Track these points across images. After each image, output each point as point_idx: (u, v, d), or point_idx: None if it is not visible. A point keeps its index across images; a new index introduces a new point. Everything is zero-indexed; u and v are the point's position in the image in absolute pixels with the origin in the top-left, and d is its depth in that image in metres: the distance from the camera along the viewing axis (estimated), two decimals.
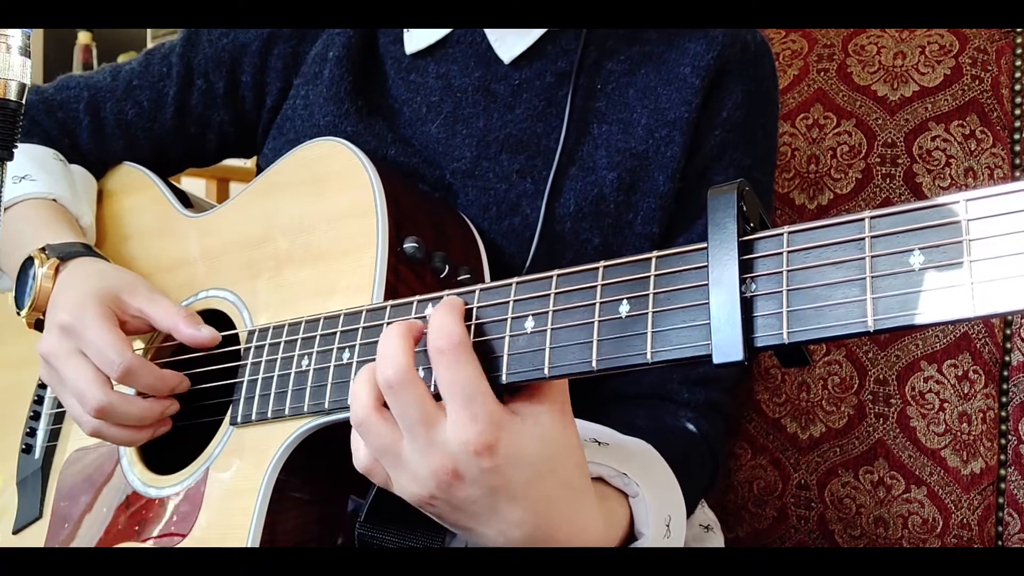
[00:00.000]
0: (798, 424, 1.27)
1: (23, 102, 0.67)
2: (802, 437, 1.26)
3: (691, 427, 1.06)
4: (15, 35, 0.66)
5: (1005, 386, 1.16)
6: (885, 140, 1.26)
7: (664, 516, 0.87)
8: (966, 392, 1.17)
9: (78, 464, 1.09)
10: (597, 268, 0.68)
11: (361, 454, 0.76)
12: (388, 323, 0.79)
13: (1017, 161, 1.19)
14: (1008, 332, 1.17)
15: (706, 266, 0.62)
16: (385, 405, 0.73)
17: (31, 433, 1.15)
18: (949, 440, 1.17)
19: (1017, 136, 1.20)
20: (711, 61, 1.05)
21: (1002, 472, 1.16)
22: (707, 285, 0.61)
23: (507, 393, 0.72)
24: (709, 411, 1.08)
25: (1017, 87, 1.21)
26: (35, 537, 1.09)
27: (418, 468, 0.71)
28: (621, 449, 0.90)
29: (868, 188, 1.26)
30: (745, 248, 0.61)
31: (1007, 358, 1.17)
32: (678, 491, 0.92)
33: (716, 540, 1.13)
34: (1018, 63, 1.22)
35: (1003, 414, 1.16)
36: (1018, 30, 1.23)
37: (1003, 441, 1.16)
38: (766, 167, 1.15)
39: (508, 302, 0.71)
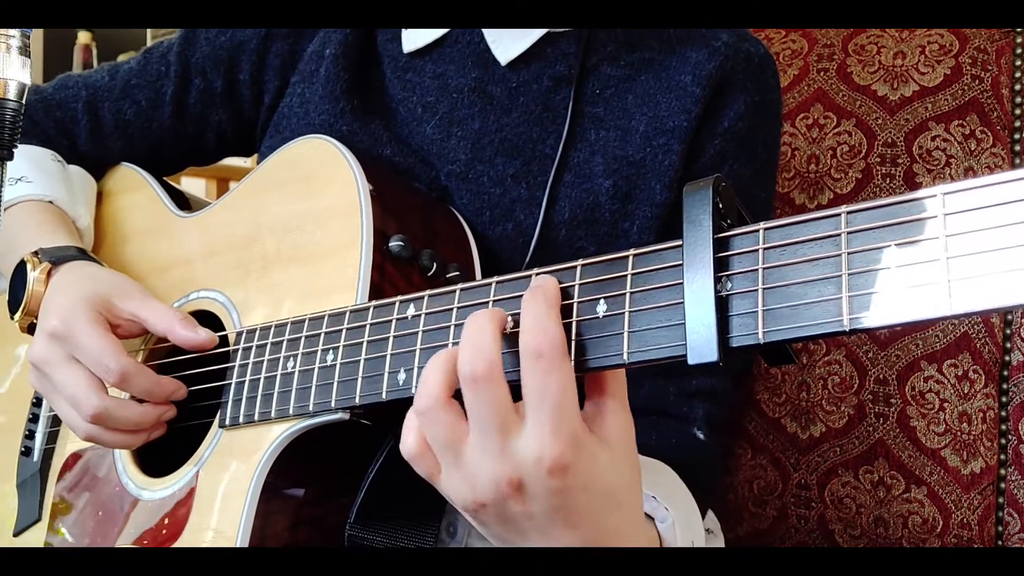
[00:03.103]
0: (798, 424, 1.26)
1: (23, 102, 0.68)
2: (802, 437, 1.26)
3: (697, 438, 1.04)
4: (15, 35, 0.66)
5: (1005, 386, 1.15)
6: (885, 140, 1.25)
7: (689, 542, 0.86)
8: (966, 392, 1.16)
9: (75, 467, 1.09)
10: (575, 267, 0.67)
11: (411, 440, 0.69)
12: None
13: (1017, 161, 1.18)
14: (1008, 332, 1.16)
15: (682, 264, 0.61)
16: (456, 396, 0.66)
17: (30, 436, 1.15)
18: (949, 440, 1.16)
19: (1017, 136, 1.19)
20: (713, 71, 1.03)
21: (1002, 472, 1.15)
22: (682, 284, 0.60)
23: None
24: (706, 424, 1.06)
25: (1017, 87, 1.21)
26: (34, 539, 1.09)
27: (479, 472, 0.65)
28: (649, 470, 0.87)
29: (868, 188, 1.25)
30: (720, 245, 0.60)
31: (1007, 358, 1.16)
32: (698, 515, 0.91)
33: (717, 543, 1.13)
34: (1018, 63, 1.21)
35: (1003, 414, 1.15)
36: (1018, 30, 1.22)
37: (1003, 441, 1.15)
38: (766, 181, 1.13)
39: (488, 302, 0.70)
